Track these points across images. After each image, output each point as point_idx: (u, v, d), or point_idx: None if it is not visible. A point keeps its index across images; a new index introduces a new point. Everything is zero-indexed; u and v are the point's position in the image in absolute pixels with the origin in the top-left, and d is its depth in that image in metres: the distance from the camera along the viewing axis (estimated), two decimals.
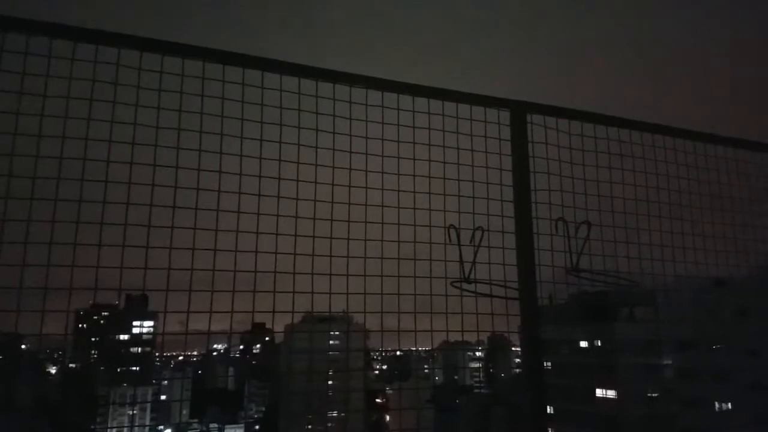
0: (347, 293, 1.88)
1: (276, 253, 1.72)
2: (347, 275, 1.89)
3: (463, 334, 2.17)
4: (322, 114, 1.87)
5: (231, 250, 1.67)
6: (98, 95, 1.64)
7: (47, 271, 1.50)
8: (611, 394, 40.43)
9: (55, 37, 1.62)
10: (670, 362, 40.15)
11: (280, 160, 1.77)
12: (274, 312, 1.72)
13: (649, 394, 39.54)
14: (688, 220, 2.49)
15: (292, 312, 1.75)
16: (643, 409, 38.65)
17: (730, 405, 34.67)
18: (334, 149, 1.87)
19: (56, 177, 1.56)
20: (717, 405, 35.32)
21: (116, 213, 1.62)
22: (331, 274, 1.85)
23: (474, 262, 2.12)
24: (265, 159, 1.74)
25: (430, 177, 2.08)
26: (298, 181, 1.80)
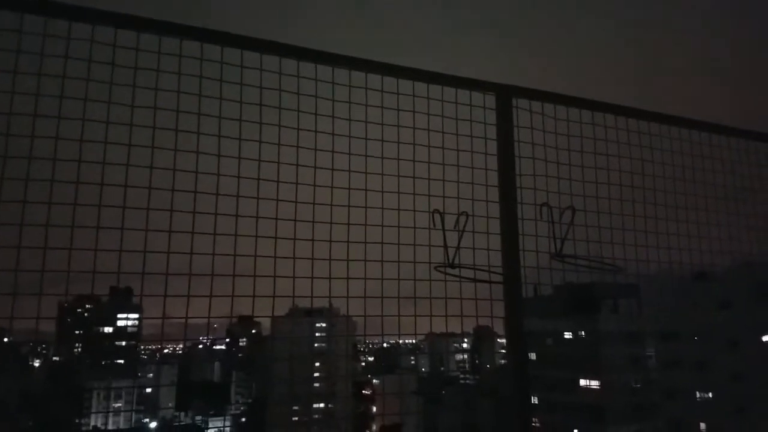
0: (329, 278, 1.85)
1: (256, 236, 1.68)
2: (329, 260, 1.86)
3: (447, 320, 2.15)
4: (304, 95, 1.82)
5: (209, 234, 1.63)
6: (71, 72, 1.58)
7: (18, 253, 1.46)
8: (595, 384, 40.90)
9: (25, 12, 1.57)
10: (653, 353, 40.70)
11: (260, 142, 1.72)
12: (254, 297, 1.68)
13: (632, 384, 40.04)
14: (673, 207, 2.49)
15: (273, 296, 1.72)
16: (626, 399, 39.14)
17: (710, 394, 35.25)
18: (316, 131, 1.83)
19: (27, 156, 1.51)
20: (698, 394, 35.89)
21: (90, 195, 1.57)
22: (313, 259, 1.81)
23: (458, 247, 2.10)
24: (244, 140, 1.70)
25: (414, 161, 2.05)
26: (278, 163, 1.75)
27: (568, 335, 44.36)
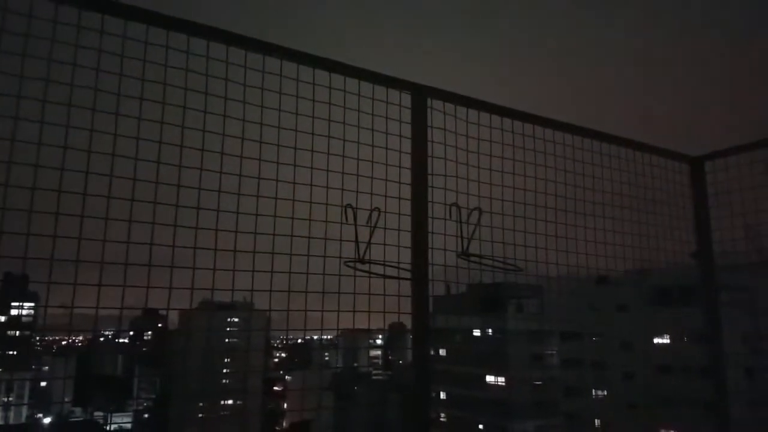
0: (233, 270, 1.79)
1: (153, 223, 1.60)
2: (234, 251, 1.80)
3: (354, 316, 2.14)
4: (213, 77, 1.75)
5: (101, 218, 1.53)
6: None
7: None
8: (501, 380, 42.46)
9: None
10: (554, 351, 42.78)
11: (161, 123, 1.64)
12: (147, 287, 1.60)
13: (535, 382, 41.88)
14: (575, 213, 2.61)
15: (170, 288, 1.64)
16: (529, 395, 40.91)
17: (605, 392, 37.52)
18: (224, 116, 1.76)
19: None
20: (594, 392, 38.11)
21: None
22: (216, 249, 1.75)
23: (369, 243, 2.10)
24: (144, 120, 1.61)
25: (328, 154, 2.03)
26: (182, 147, 1.67)
27: (476, 332, 45.78)
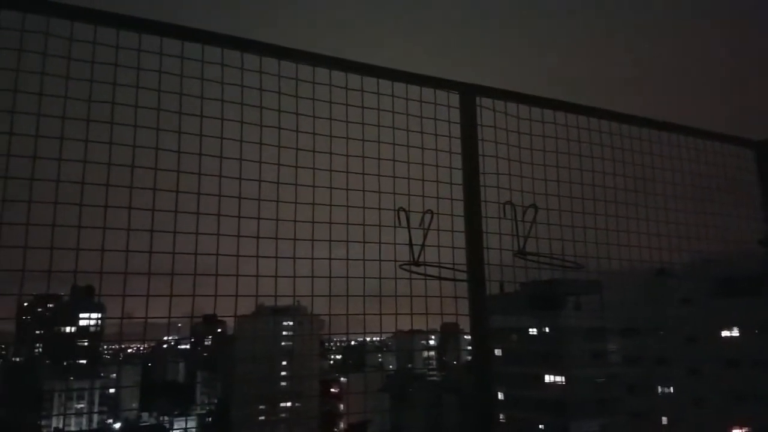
0: (294, 276, 1.83)
1: (218, 234, 1.66)
2: (294, 258, 1.84)
3: (412, 318, 2.16)
4: (267, 91, 1.80)
5: (170, 231, 1.60)
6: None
7: None
8: (560, 379, 41.55)
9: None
10: (615, 348, 41.56)
11: (221, 138, 1.70)
12: (216, 296, 1.66)
13: (596, 380, 40.77)
14: (634, 205, 2.54)
15: (236, 296, 1.69)
16: (590, 394, 39.85)
17: (671, 389, 36.20)
18: (279, 128, 1.81)
19: None
20: (660, 389, 36.79)
21: (48, 192, 1.52)
22: (276, 257, 1.80)
23: (423, 245, 2.10)
24: (205, 136, 1.67)
25: (379, 159, 2.05)
26: (241, 160, 1.73)
27: (532, 331, 44.94)
